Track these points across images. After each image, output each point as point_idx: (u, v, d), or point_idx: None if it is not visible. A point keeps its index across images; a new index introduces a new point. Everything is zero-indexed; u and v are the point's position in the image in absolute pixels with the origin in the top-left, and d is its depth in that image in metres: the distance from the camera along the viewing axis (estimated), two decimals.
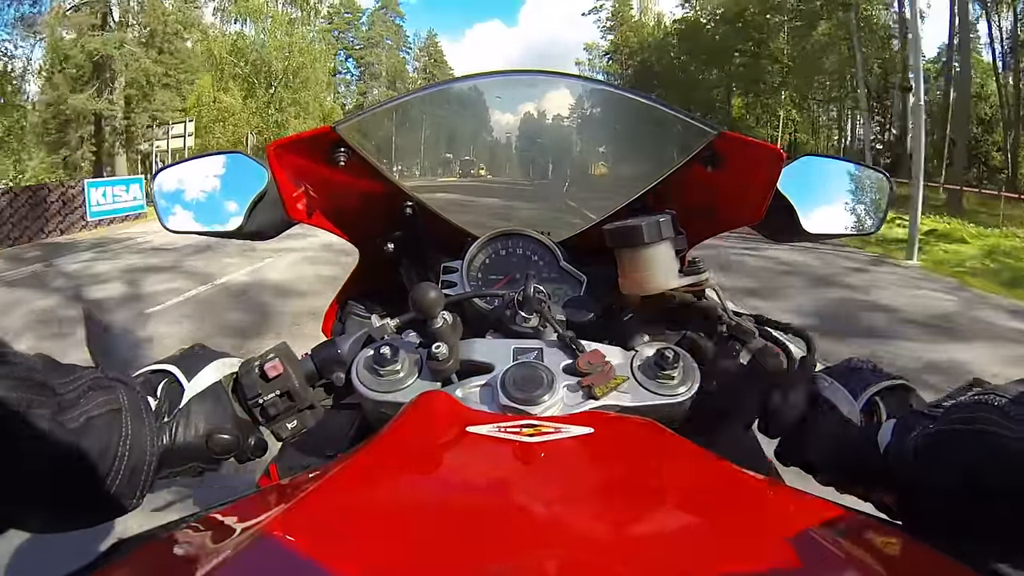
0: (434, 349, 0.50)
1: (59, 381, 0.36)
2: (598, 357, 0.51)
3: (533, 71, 0.81)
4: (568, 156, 0.95)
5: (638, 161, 0.88)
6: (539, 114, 0.87)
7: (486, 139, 0.90)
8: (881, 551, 0.31)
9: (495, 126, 0.88)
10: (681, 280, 0.57)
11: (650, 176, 0.76)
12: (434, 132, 0.87)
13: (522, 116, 0.86)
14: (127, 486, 0.41)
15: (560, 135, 0.90)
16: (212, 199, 0.78)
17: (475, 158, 0.91)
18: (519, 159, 0.93)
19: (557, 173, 0.94)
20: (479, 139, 0.91)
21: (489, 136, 0.89)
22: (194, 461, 0.48)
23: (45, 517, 0.38)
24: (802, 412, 0.49)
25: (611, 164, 0.95)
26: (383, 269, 0.80)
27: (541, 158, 0.94)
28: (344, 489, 0.35)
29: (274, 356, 0.51)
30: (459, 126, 0.89)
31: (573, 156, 0.96)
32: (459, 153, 0.90)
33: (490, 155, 0.93)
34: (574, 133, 0.91)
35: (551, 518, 0.30)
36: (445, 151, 0.90)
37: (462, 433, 0.40)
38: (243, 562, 0.26)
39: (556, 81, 0.84)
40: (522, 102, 0.85)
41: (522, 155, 0.92)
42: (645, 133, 0.81)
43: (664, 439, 0.41)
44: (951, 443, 0.35)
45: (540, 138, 0.91)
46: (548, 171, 0.95)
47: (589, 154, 0.96)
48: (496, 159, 0.93)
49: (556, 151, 0.93)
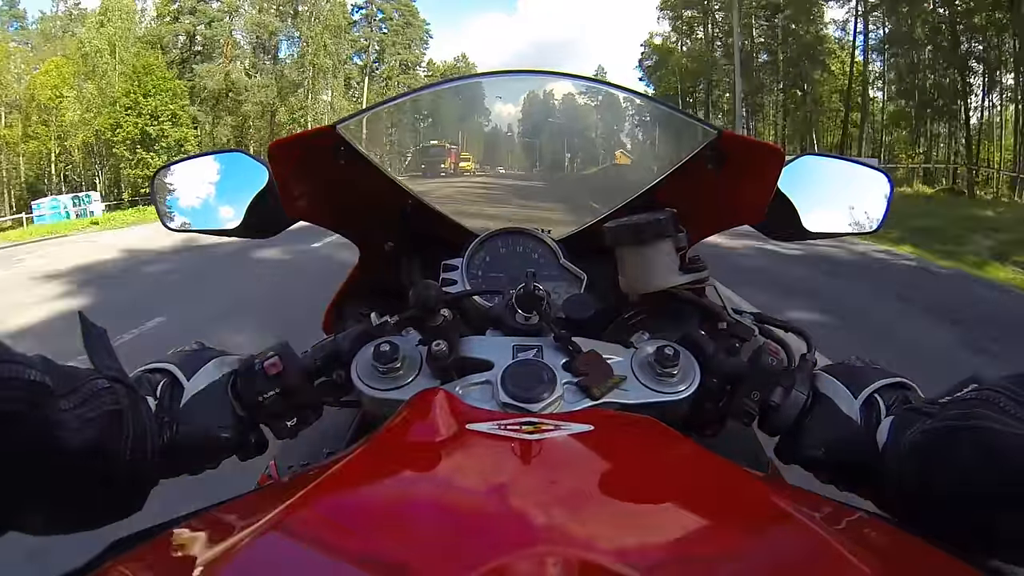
0: (434, 347, 0.50)
1: (58, 382, 0.36)
2: (596, 357, 0.51)
3: (533, 71, 0.82)
4: (569, 155, 0.95)
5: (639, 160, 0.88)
6: (539, 113, 0.87)
7: (486, 138, 0.90)
8: (880, 548, 0.31)
9: (495, 125, 0.88)
10: (681, 278, 0.57)
11: (651, 175, 0.76)
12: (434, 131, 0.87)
13: (522, 115, 0.86)
14: (129, 487, 0.41)
15: (561, 134, 0.90)
16: (211, 198, 0.78)
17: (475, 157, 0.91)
18: (519, 158, 0.93)
19: (557, 171, 0.94)
20: (479, 138, 0.91)
21: (489, 135, 0.89)
22: (194, 460, 0.48)
23: (46, 519, 0.38)
24: (802, 410, 0.49)
25: (612, 163, 0.95)
26: (383, 267, 0.80)
27: (541, 156, 0.94)
28: (344, 487, 0.35)
29: (273, 354, 0.51)
30: (459, 125, 0.89)
31: (574, 155, 0.96)
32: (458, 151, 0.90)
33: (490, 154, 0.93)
34: (575, 132, 0.91)
35: (551, 515, 0.30)
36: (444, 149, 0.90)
37: (462, 430, 0.40)
38: (243, 560, 0.26)
39: (557, 80, 0.85)
40: (522, 101, 0.86)
41: (522, 154, 0.92)
42: (646, 132, 0.82)
43: (664, 437, 0.41)
44: (948, 440, 0.35)
45: (540, 137, 0.91)
46: (548, 169, 0.95)
47: (590, 152, 0.96)
48: (496, 158, 0.93)
49: (556, 150, 0.93)
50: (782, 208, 0.70)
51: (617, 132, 0.89)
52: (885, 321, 4.37)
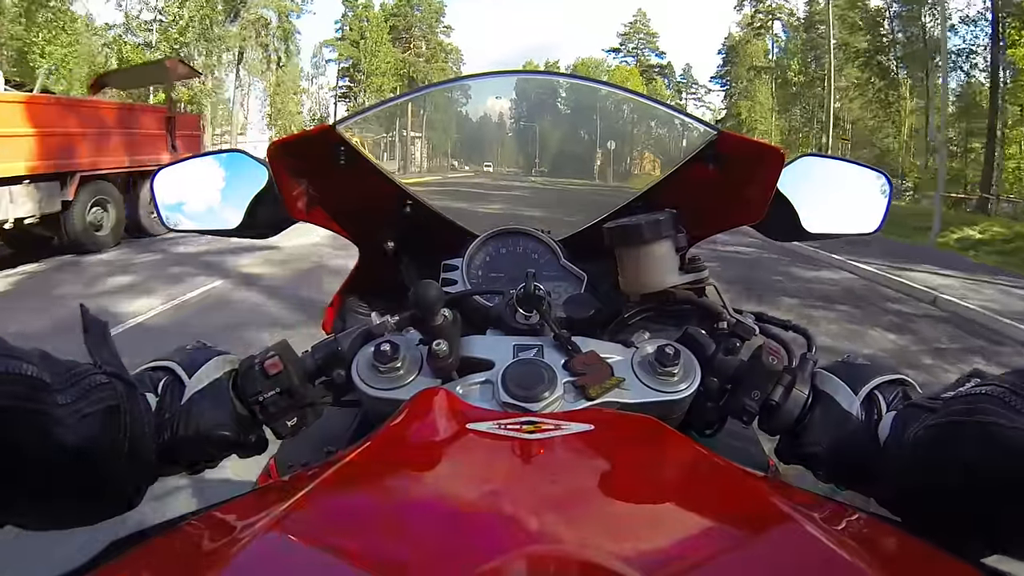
0: (434, 346, 0.50)
1: (57, 377, 0.36)
2: (594, 358, 0.51)
3: (533, 71, 0.82)
4: (569, 155, 0.95)
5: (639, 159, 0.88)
6: (539, 113, 0.87)
7: (485, 138, 0.91)
8: (880, 548, 0.31)
9: (494, 125, 0.88)
10: (681, 278, 0.57)
11: (651, 174, 0.76)
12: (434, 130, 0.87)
13: (522, 115, 0.87)
14: (127, 483, 0.41)
15: (561, 134, 0.90)
16: (211, 198, 0.78)
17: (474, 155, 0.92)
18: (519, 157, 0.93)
19: (558, 171, 0.94)
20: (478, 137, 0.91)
21: (488, 135, 0.90)
22: (194, 458, 0.48)
23: (43, 515, 0.38)
24: (802, 409, 0.49)
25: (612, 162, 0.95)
26: (383, 267, 0.80)
27: (541, 156, 0.94)
28: (344, 486, 0.35)
29: (274, 353, 0.51)
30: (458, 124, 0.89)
31: (574, 155, 0.96)
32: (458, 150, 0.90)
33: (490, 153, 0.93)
34: (575, 132, 0.91)
35: (551, 515, 0.30)
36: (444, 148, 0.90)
37: (462, 430, 0.40)
38: (243, 560, 0.26)
39: (557, 81, 0.85)
40: (522, 101, 0.86)
41: (522, 153, 0.93)
42: (647, 132, 0.82)
43: (664, 436, 0.41)
44: (950, 435, 0.35)
45: (539, 137, 0.91)
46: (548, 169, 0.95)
47: (590, 152, 0.97)
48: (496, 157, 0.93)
49: (556, 149, 0.94)
50: (782, 208, 0.70)
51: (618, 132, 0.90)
52: None
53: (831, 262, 7.66)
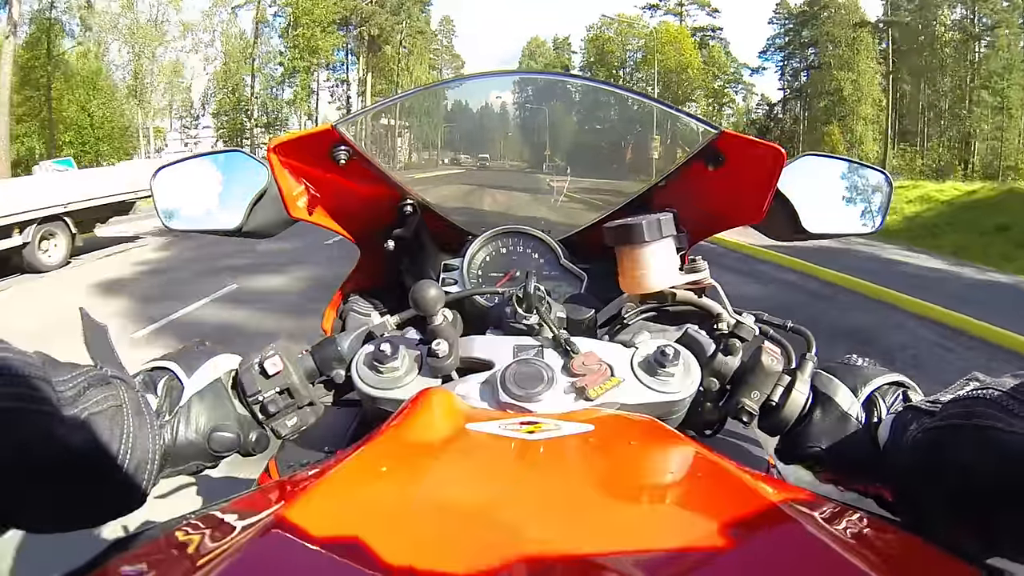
0: (434, 346, 0.50)
1: (58, 379, 0.36)
2: (594, 358, 0.51)
3: (533, 72, 0.82)
4: (568, 154, 0.95)
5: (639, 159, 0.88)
6: (539, 113, 0.87)
7: (484, 137, 0.91)
8: (880, 548, 0.31)
9: (493, 125, 0.88)
10: (681, 278, 0.57)
11: (651, 174, 0.76)
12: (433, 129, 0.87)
13: (522, 115, 0.86)
14: (130, 484, 0.41)
15: (560, 133, 0.90)
16: (211, 198, 0.78)
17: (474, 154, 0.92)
18: (519, 157, 0.93)
19: (557, 171, 0.94)
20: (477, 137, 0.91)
21: (487, 134, 0.90)
22: (195, 458, 0.48)
23: (46, 516, 0.38)
24: (802, 409, 0.49)
25: (612, 162, 0.95)
26: (383, 267, 0.80)
27: (541, 156, 0.94)
28: (344, 486, 0.34)
29: (274, 353, 0.51)
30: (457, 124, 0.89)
31: (574, 154, 0.96)
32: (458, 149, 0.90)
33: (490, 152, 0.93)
34: (575, 132, 0.91)
35: (551, 515, 0.30)
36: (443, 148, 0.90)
37: (462, 430, 0.40)
38: (244, 559, 0.26)
39: (557, 81, 0.85)
40: (522, 101, 0.86)
41: (521, 153, 0.93)
42: (646, 132, 0.82)
43: (664, 437, 0.41)
44: (949, 438, 0.35)
45: (539, 137, 0.91)
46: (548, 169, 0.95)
47: (590, 152, 0.97)
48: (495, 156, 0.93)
49: (556, 149, 0.93)
50: (782, 208, 0.70)
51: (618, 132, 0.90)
52: None
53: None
